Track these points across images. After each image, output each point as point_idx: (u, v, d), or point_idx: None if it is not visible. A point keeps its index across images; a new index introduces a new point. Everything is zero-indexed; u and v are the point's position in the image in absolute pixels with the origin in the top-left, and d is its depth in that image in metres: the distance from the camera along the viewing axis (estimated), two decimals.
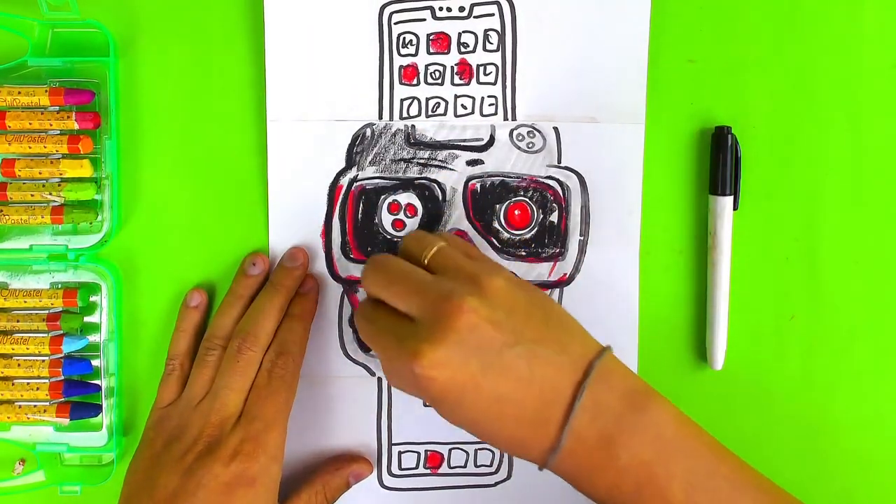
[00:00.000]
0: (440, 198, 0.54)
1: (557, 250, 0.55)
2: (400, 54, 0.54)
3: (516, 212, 0.54)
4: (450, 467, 0.56)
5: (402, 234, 0.54)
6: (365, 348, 0.55)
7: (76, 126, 0.53)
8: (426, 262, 0.47)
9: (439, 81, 0.54)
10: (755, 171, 0.55)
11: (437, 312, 0.43)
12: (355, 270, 0.55)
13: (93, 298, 0.54)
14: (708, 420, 0.55)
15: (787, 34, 0.55)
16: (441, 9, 0.53)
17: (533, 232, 0.55)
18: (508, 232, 0.54)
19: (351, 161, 0.54)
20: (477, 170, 0.54)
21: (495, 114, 0.54)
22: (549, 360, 0.44)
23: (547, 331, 0.45)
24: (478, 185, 0.54)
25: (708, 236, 0.54)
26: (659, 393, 0.46)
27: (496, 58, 0.54)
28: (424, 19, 0.54)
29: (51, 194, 0.53)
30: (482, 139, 0.54)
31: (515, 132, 0.54)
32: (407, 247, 0.48)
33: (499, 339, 0.43)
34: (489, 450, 0.56)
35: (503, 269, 0.47)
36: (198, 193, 0.55)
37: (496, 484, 0.56)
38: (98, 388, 0.54)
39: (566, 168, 0.54)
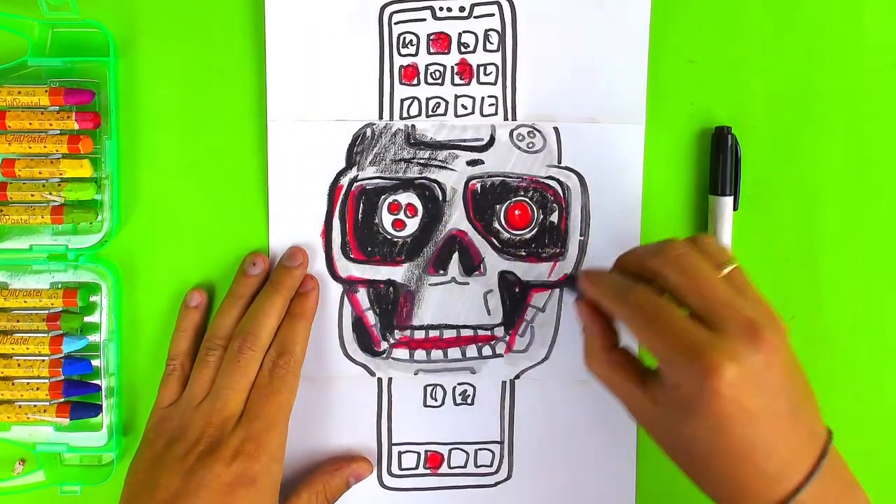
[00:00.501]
0: (440, 198, 0.54)
1: (557, 250, 0.55)
2: (400, 54, 0.54)
3: (516, 212, 0.54)
4: (450, 467, 0.56)
5: (402, 234, 0.54)
6: (365, 348, 0.55)
7: (76, 126, 0.53)
8: (722, 274, 0.46)
9: (439, 81, 0.54)
10: (755, 171, 0.55)
11: (744, 333, 0.42)
12: (355, 270, 0.55)
13: (93, 298, 0.54)
14: None
15: (787, 34, 0.55)
16: (441, 9, 0.53)
17: (533, 232, 0.55)
18: (508, 232, 0.54)
19: (351, 161, 0.54)
20: (477, 170, 0.54)
21: (495, 114, 0.54)
22: (807, 424, 0.44)
23: (807, 396, 0.45)
24: (478, 185, 0.54)
25: None
26: (863, 489, 0.47)
27: (496, 58, 0.54)
28: (425, 19, 0.54)
29: (51, 194, 0.53)
30: (482, 139, 0.54)
31: (516, 132, 0.54)
32: (704, 248, 0.47)
33: (782, 387, 0.43)
34: (489, 450, 0.56)
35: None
36: (198, 193, 0.55)
37: (496, 484, 0.56)
38: (98, 388, 0.54)
39: (566, 168, 0.54)
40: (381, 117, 0.54)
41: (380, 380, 0.55)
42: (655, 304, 0.44)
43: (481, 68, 0.54)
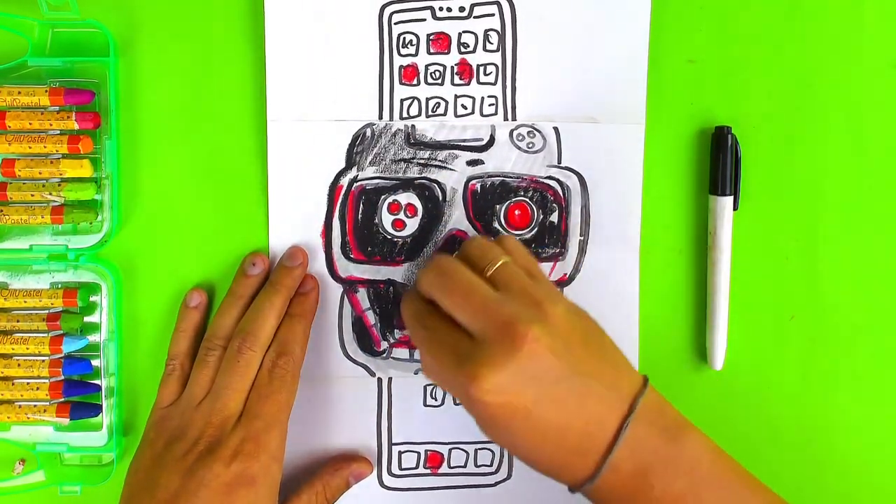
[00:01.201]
0: (440, 198, 0.54)
1: (557, 250, 0.55)
2: (400, 54, 0.54)
3: (516, 212, 0.54)
4: (450, 467, 0.56)
5: (402, 234, 0.54)
6: (365, 348, 0.55)
7: (76, 126, 0.53)
8: (488, 274, 0.47)
9: (439, 81, 0.54)
10: (755, 171, 0.55)
11: (500, 336, 0.43)
12: (355, 270, 0.55)
13: (93, 298, 0.54)
14: (708, 420, 0.55)
15: (787, 34, 0.55)
16: (441, 9, 0.53)
17: (533, 232, 0.55)
18: (508, 232, 0.54)
19: (351, 161, 0.54)
20: (477, 170, 0.54)
21: (495, 114, 0.54)
22: (599, 395, 0.45)
23: (599, 364, 0.45)
24: (478, 186, 0.54)
25: (708, 236, 0.54)
26: (694, 426, 0.47)
27: (496, 58, 0.54)
28: (424, 19, 0.54)
29: (51, 194, 0.53)
30: (482, 139, 0.54)
31: (515, 132, 0.54)
32: (470, 254, 0.48)
33: (556, 370, 0.44)
34: (489, 450, 0.56)
35: (562, 295, 0.48)
36: (198, 193, 0.55)
37: (496, 484, 0.56)
38: (98, 388, 0.54)
39: (566, 168, 0.54)
40: (380, 117, 0.54)
41: (380, 380, 0.55)
42: (432, 329, 0.46)
43: (481, 68, 0.54)
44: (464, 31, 0.54)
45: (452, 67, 0.54)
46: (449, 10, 0.54)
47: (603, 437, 0.44)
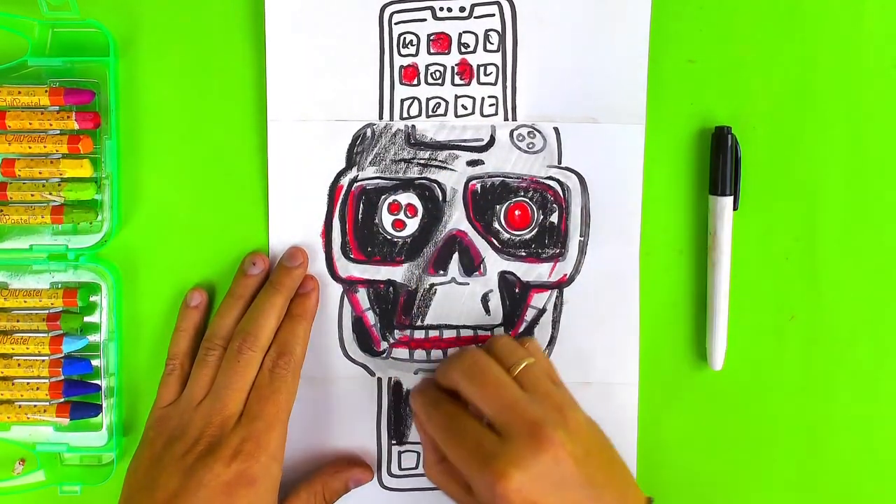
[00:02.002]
0: (440, 198, 0.54)
1: (558, 251, 0.55)
2: (400, 54, 0.54)
3: (516, 212, 0.54)
4: None
5: (402, 234, 0.54)
6: (365, 348, 0.55)
7: (76, 126, 0.53)
8: (513, 374, 0.48)
9: (440, 82, 0.54)
10: (755, 171, 0.55)
11: (527, 436, 0.45)
12: (355, 270, 0.55)
13: (93, 298, 0.54)
14: (708, 420, 0.56)
15: (787, 34, 0.55)
16: (442, 9, 0.53)
17: (533, 232, 0.55)
18: (508, 232, 0.54)
19: (351, 161, 0.54)
20: (477, 170, 0.54)
21: (496, 114, 0.54)
22: (614, 502, 0.46)
23: (611, 476, 0.47)
24: (478, 186, 0.54)
25: (708, 236, 0.54)
26: None
27: (496, 58, 0.54)
28: (425, 19, 0.53)
29: (51, 194, 0.53)
30: (482, 139, 0.54)
31: (516, 132, 0.54)
32: (496, 352, 0.50)
33: (577, 478, 0.45)
34: None
35: (578, 404, 0.49)
36: (198, 193, 0.55)
37: None
38: (98, 388, 0.54)
39: (566, 168, 0.54)
40: (381, 117, 0.54)
41: (380, 380, 0.55)
42: (453, 419, 0.48)
43: (481, 68, 0.54)
44: (464, 32, 0.54)
45: (453, 67, 0.54)
46: (449, 10, 0.54)
47: None
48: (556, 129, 0.54)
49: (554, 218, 0.55)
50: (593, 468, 0.46)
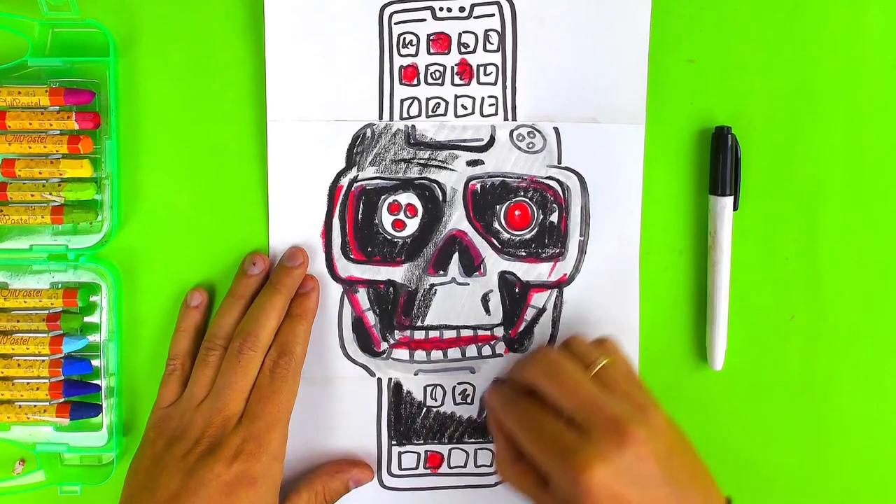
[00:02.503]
0: (440, 198, 0.54)
1: (557, 251, 0.55)
2: (400, 54, 0.54)
3: (516, 212, 0.54)
4: (450, 467, 0.56)
5: (402, 234, 0.54)
6: (365, 349, 0.55)
7: (76, 126, 0.53)
8: (593, 373, 0.49)
9: (439, 82, 0.54)
10: (755, 171, 0.55)
11: (608, 432, 0.45)
12: (355, 271, 0.55)
13: (93, 298, 0.54)
14: (708, 420, 0.56)
15: (787, 34, 0.55)
16: (441, 9, 0.53)
17: (533, 232, 0.55)
18: (508, 232, 0.54)
19: (351, 161, 0.54)
20: (477, 170, 0.54)
21: (495, 114, 0.54)
22: (694, 502, 0.46)
23: (694, 476, 0.47)
24: (478, 186, 0.54)
25: (708, 236, 0.55)
26: None
27: (496, 58, 0.54)
28: (425, 19, 0.53)
29: (51, 194, 0.53)
30: (482, 139, 0.54)
31: (516, 132, 0.54)
32: (575, 350, 0.50)
33: (659, 476, 0.45)
34: (489, 450, 0.56)
35: (660, 404, 0.49)
36: (198, 193, 0.55)
37: (496, 484, 0.56)
38: (98, 388, 0.54)
39: (566, 168, 0.54)
40: (381, 117, 0.54)
41: (380, 380, 0.55)
42: (532, 415, 0.48)
43: (481, 68, 0.54)
44: (464, 32, 0.54)
45: (452, 67, 0.54)
46: (449, 10, 0.54)
47: None
48: (555, 129, 0.54)
49: (554, 218, 0.55)
50: (676, 466, 0.46)
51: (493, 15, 0.54)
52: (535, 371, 0.49)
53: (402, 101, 0.54)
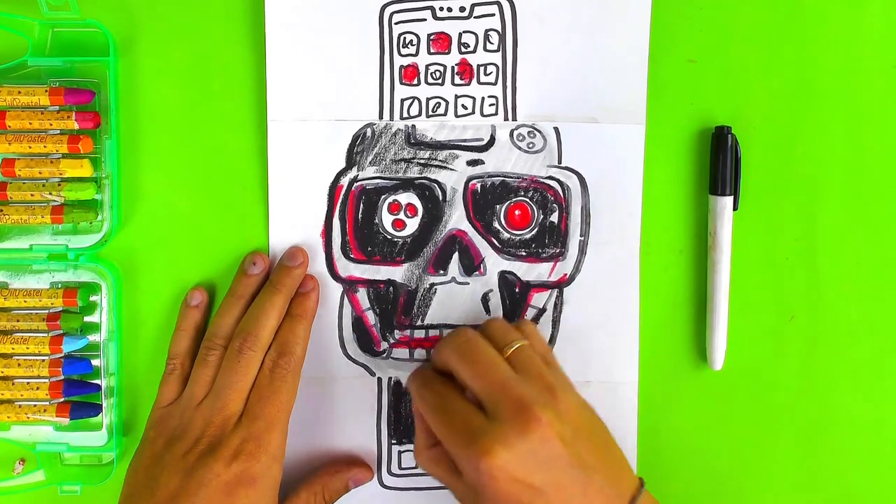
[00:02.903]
0: (440, 198, 0.54)
1: (558, 250, 0.55)
2: (400, 54, 0.54)
3: (516, 212, 0.54)
4: None
5: (402, 234, 0.54)
6: (365, 348, 0.55)
7: (76, 126, 0.53)
8: (506, 355, 0.48)
9: (440, 81, 0.54)
10: (755, 171, 0.55)
11: (514, 415, 0.45)
12: (355, 270, 0.55)
13: (93, 298, 0.54)
14: (708, 420, 0.56)
15: (787, 34, 0.55)
16: (442, 9, 0.53)
17: (533, 232, 0.55)
18: (509, 232, 0.54)
19: (351, 161, 0.54)
20: (477, 170, 0.54)
21: (496, 114, 0.54)
22: (601, 489, 0.46)
23: (603, 459, 0.47)
24: (478, 186, 0.54)
25: (708, 236, 0.55)
26: None
27: (497, 58, 0.54)
28: (425, 19, 0.54)
29: (51, 194, 0.53)
30: (482, 139, 0.54)
31: (516, 132, 0.54)
32: (490, 334, 0.50)
33: (564, 459, 0.45)
34: None
35: (573, 386, 0.49)
36: (198, 193, 0.55)
37: None
38: (98, 387, 0.54)
39: (566, 168, 0.54)
40: (381, 117, 0.54)
41: (380, 380, 0.55)
42: (443, 397, 0.48)
43: (481, 68, 0.54)
44: (464, 31, 0.54)
45: (453, 67, 0.54)
46: (449, 10, 0.54)
47: None
48: (556, 129, 0.54)
49: (554, 218, 0.55)
50: (583, 450, 0.46)
51: (493, 15, 0.54)
52: (449, 351, 0.49)
53: (403, 100, 0.54)
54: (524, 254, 0.55)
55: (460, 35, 0.54)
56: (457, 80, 0.54)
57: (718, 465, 0.56)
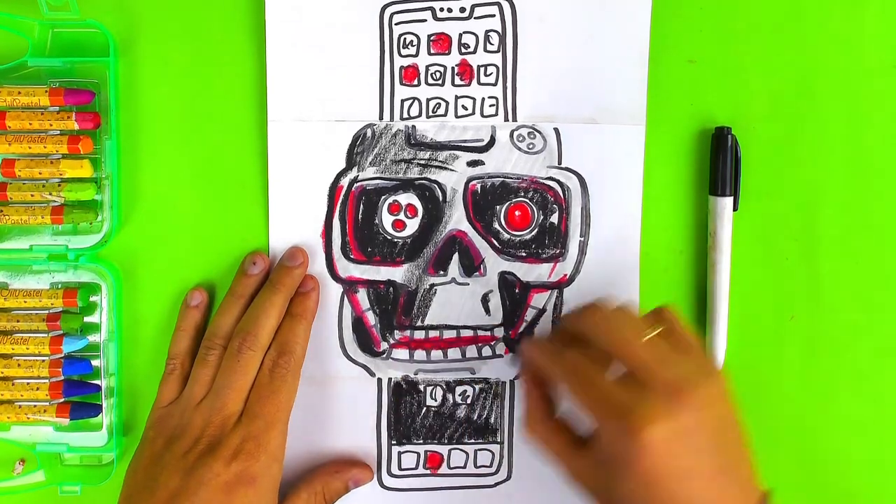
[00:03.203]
0: (440, 198, 0.54)
1: (558, 251, 0.55)
2: (401, 55, 0.54)
3: (517, 213, 0.54)
4: (449, 468, 0.56)
5: (402, 234, 0.54)
6: (365, 349, 0.55)
7: (76, 126, 0.53)
8: (652, 334, 0.47)
9: (440, 82, 0.54)
10: (755, 171, 0.55)
11: (668, 394, 0.44)
12: (355, 271, 0.55)
13: (93, 298, 0.54)
14: None
15: (787, 34, 0.55)
16: (442, 9, 0.53)
17: (533, 233, 0.55)
18: (509, 233, 0.54)
19: (351, 161, 0.54)
20: (477, 170, 0.54)
21: (496, 114, 0.54)
22: (739, 483, 0.45)
23: (741, 452, 0.46)
24: (478, 186, 0.54)
25: (708, 236, 0.55)
26: None
27: (497, 58, 0.54)
28: (425, 20, 0.53)
29: (51, 194, 0.53)
30: (483, 140, 0.54)
31: (516, 133, 0.54)
32: (631, 314, 0.49)
33: (716, 445, 0.45)
34: (489, 450, 0.56)
35: (723, 373, 0.48)
36: (198, 193, 0.55)
37: (496, 484, 0.56)
38: (98, 388, 0.54)
39: (566, 169, 0.54)
40: (381, 118, 0.54)
41: (380, 380, 0.55)
42: (585, 367, 0.47)
43: (482, 69, 0.54)
44: (464, 32, 0.54)
45: (453, 68, 0.54)
46: (449, 10, 0.53)
47: None
48: (556, 130, 0.54)
49: (554, 218, 0.55)
50: (728, 440, 0.45)
51: (493, 15, 0.54)
52: (593, 323, 0.48)
53: (403, 101, 0.54)
54: (524, 254, 0.55)
55: (460, 36, 0.54)
56: (457, 80, 0.54)
57: None
